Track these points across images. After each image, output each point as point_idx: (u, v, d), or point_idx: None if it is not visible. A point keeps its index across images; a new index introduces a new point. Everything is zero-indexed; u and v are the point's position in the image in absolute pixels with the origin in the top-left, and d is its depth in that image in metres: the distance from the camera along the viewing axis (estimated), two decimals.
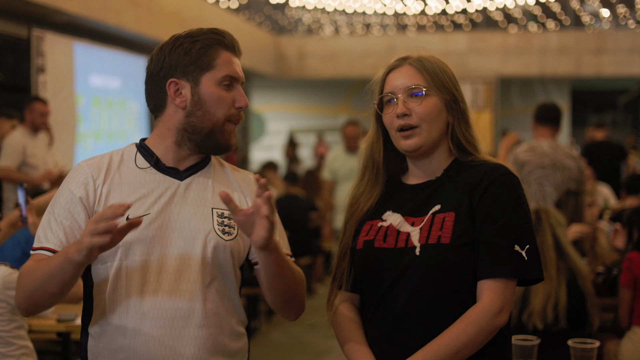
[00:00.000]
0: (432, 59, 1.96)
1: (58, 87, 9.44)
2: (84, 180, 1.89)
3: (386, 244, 1.90)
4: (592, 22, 17.78)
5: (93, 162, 1.93)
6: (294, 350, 6.08)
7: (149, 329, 1.82)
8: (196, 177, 1.94)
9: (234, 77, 1.91)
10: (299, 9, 17.68)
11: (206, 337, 1.85)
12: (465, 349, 1.80)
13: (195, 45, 1.90)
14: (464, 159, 1.94)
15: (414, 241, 1.87)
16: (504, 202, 1.85)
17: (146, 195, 1.88)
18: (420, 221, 1.89)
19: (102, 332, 1.86)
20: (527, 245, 1.84)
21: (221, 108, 1.89)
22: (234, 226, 1.92)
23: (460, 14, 17.36)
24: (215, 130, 1.90)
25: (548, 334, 3.35)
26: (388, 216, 1.95)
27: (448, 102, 1.92)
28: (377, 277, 1.90)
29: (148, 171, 1.92)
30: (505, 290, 1.82)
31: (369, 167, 2.02)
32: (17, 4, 8.42)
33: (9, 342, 2.91)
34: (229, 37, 1.93)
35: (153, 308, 1.82)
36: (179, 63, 1.90)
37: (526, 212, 1.88)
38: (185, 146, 1.93)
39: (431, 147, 1.93)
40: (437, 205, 1.89)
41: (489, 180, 1.87)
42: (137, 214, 1.84)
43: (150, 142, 1.97)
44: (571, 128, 19.68)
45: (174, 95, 1.91)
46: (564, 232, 3.59)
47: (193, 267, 1.86)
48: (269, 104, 20.23)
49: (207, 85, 1.89)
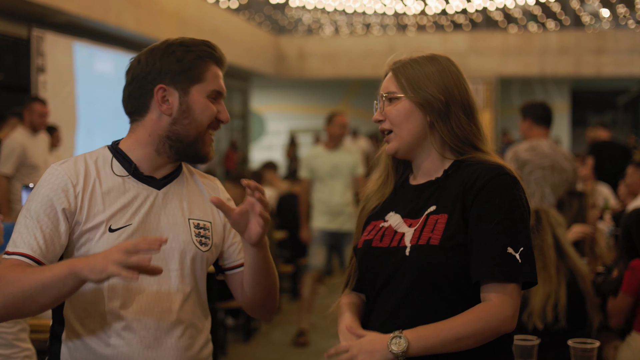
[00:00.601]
0: (418, 60, 1.95)
1: (58, 87, 9.45)
2: (63, 186, 1.83)
3: (382, 243, 1.92)
4: (592, 22, 17.79)
5: (69, 167, 1.86)
6: (294, 350, 6.08)
7: (130, 339, 1.81)
8: (172, 187, 1.94)
9: (220, 92, 1.94)
10: (299, 9, 17.69)
11: (185, 348, 1.87)
12: (466, 340, 1.78)
13: (188, 55, 1.89)
14: (459, 157, 1.94)
15: (406, 241, 1.87)
16: (497, 204, 1.83)
17: (127, 205, 1.85)
18: (416, 222, 1.90)
19: (79, 342, 1.83)
20: (522, 248, 1.82)
21: (207, 117, 1.91)
22: (209, 236, 1.94)
23: (460, 14, 17.37)
24: (198, 139, 1.91)
25: (548, 334, 3.35)
26: (390, 217, 1.96)
27: (422, 103, 1.92)
28: (373, 276, 1.91)
29: (126, 179, 1.88)
30: (514, 294, 1.81)
31: (383, 167, 2.05)
32: (17, 4, 8.42)
33: (13, 345, 2.91)
34: (219, 51, 1.95)
35: (135, 319, 1.82)
36: (170, 70, 1.88)
37: (521, 214, 1.85)
38: (165, 154, 1.90)
39: (411, 148, 1.94)
40: (432, 206, 1.90)
41: (483, 181, 1.85)
42: (118, 224, 1.82)
43: (125, 147, 1.92)
44: (571, 128, 19.69)
45: (160, 101, 1.89)
46: (564, 233, 3.59)
47: (173, 278, 1.87)
48: (269, 104, 20.25)
49: (196, 96, 1.90)
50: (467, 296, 1.83)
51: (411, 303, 1.83)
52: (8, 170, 6.35)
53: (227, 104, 7.80)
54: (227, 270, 2.03)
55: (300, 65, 17.91)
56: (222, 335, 5.76)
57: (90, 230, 1.82)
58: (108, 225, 1.81)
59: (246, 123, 18.60)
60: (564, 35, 16.90)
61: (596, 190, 7.48)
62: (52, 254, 1.79)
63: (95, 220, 1.82)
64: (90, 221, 1.82)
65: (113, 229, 1.82)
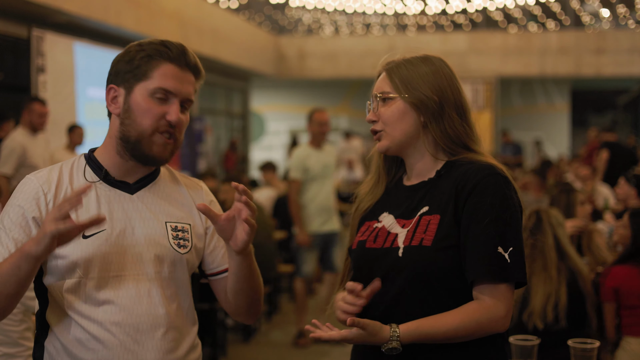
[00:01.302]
0: (411, 60, 1.96)
1: (58, 87, 9.45)
2: (35, 195, 1.83)
3: (375, 244, 1.92)
4: (592, 22, 17.79)
5: (42, 176, 1.86)
6: (293, 351, 6.08)
7: (111, 343, 1.80)
8: (147, 191, 1.91)
9: (169, 90, 1.84)
10: (299, 9, 17.69)
11: (167, 351, 1.84)
12: (455, 338, 1.81)
13: (139, 54, 1.85)
14: (451, 157, 1.94)
15: (399, 242, 1.88)
16: (488, 204, 1.83)
17: (99, 211, 1.84)
18: (409, 223, 1.90)
19: (60, 345, 1.83)
20: (511, 248, 1.81)
21: (147, 119, 1.83)
22: (188, 238, 1.91)
23: (460, 14, 17.37)
24: (141, 141, 1.84)
25: (548, 334, 3.35)
26: (383, 217, 1.97)
27: (416, 104, 1.92)
28: (367, 277, 1.91)
29: (98, 185, 1.87)
30: (506, 294, 1.81)
31: (374, 167, 2.06)
32: (17, 4, 8.42)
33: (18, 344, 2.92)
34: (176, 50, 1.86)
35: (115, 322, 1.80)
36: (120, 70, 1.87)
37: (512, 213, 1.84)
38: (126, 156, 1.88)
39: (402, 148, 1.95)
40: (425, 207, 1.90)
41: (474, 181, 1.85)
42: (91, 230, 1.80)
43: (98, 153, 1.93)
44: (571, 128, 19.69)
45: (110, 101, 1.89)
46: (565, 233, 3.59)
47: (152, 282, 1.85)
48: (269, 104, 20.26)
49: (138, 94, 1.84)
50: (460, 296, 1.83)
51: (405, 303, 1.84)
52: (8, 170, 6.35)
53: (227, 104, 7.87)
54: (211, 276, 2.00)
55: (300, 65, 17.91)
56: (222, 335, 5.76)
57: None
58: (81, 235, 1.78)
59: (246, 123, 18.60)
60: (564, 35, 16.90)
61: (596, 191, 7.48)
62: None
63: None
64: None
65: (86, 236, 1.80)
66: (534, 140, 18.75)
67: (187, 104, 1.89)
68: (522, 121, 19.25)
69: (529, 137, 18.99)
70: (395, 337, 1.77)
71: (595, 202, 7.15)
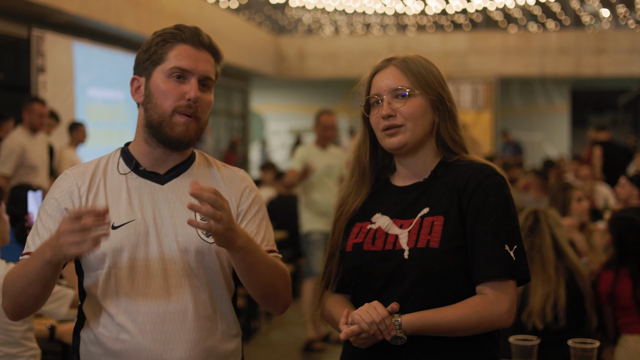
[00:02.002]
0: (417, 59, 1.97)
1: (58, 87, 9.45)
2: (69, 188, 1.89)
3: (374, 246, 1.91)
4: (592, 22, 17.78)
5: (78, 170, 1.93)
6: (294, 350, 6.08)
7: (140, 333, 1.82)
8: (178, 181, 1.92)
9: (184, 68, 1.86)
10: (299, 9, 17.69)
11: (197, 341, 1.84)
12: (458, 332, 1.82)
13: (154, 41, 1.90)
14: (450, 159, 1.95)
15: (402, 244, 1.87)
16: (493, 203, 1.85)
17: (129, 202, 1.87)
18: (408, 224, 1.90)
19: (93, 336, 1.86)
20: (515, 246, 1.85)
21: (167, 99, 1.85)
22: None
23: (460, 14, 17.37)
24: (163, 123, 1.86)
25: (547, 333, 3.35)
26: (377, 219, 1.95)
27: (434, 102, 1.93)
28: (367, 279, 1.90)
29: (129, 176, 1.91)
30: (510, 290, 1.84)
31: (356, 167, 2.04)
32: (17, 4, 8.42)
33: (20, 344, 2.92)
34: (189, 31, 1.89)
35: (143, 313, 1.83)
36: (140, 60, 1.92)
37: (514, 213, 1.88)
38: (154, 143, 1.90)
39: (416, 145, 1.94)
40: (425, 209, 1.90)
41: (477, 181, 1.87)
42: (121, 221, 1.85)
43: (131, 146, 1.97)
44: (571, 128, 19.68)
45: (134, 92, 1.93)
46: (562, 233, 3.59)
47: (180, 272, 1.86)
48: (269, 104, 20.25)
49: (156, 78, 1.88)
50: (466, 296, 1.85)
51: (412, 305, 1.84)
52: (7, 170, 6.36)
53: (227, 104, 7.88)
54: None
55: (300, 65, 17.91)
56: None
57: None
58: (111, 223, 1.81)
59: (246, 123, 18.60)
60: (564, 35, 16.90)
61: (596, 190, 7.49)
62: None
63: None
64: None
65: (116, 226, 1.85)
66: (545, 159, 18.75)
67: (207, 83, 1.91)
68: (522, 121, 19.24)
69: (528, 137, 18.99)
70: (397, 325, 1.78)
71: (595, 202, 7.15)
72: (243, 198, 1.96)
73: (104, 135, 10.71)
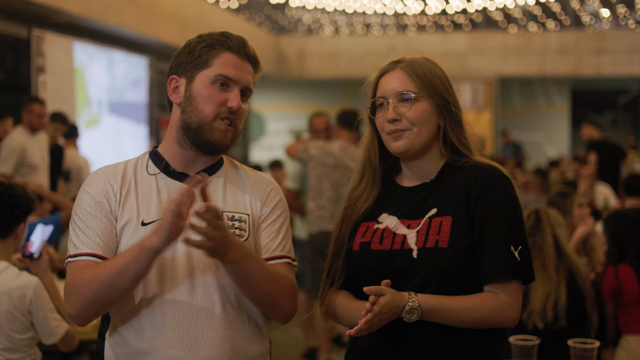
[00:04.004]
0: (424, 62, 1.97)
1: (58, 87, 9.44)
2: (103, 187, 1.90)
3: (382, 246, 1.92)
4: (592, 22, 17.78)
5: (109, 170, 1.95)
6: (294, 350, 6.08)
7: (168, 333, 1.82)
8: None
9: (230, 77, 1.89)
10: (299, 9, 17.68)
11: (225, 340, 1.84)
12: (467, 322, 1.84)
13: (199, 45, 1.91)
14: (457, 161, 1.96)
15: (411, 244, 1.88)
16: (500, 204, 1.87)
17: (158, 201, 1.89)
18: (416, 224, 1.91)
19: (119, 337, 1.87)
20: (520, 247, 1.87)
21: (209, 105, 1.88)
22: (245, 228, 1.92)
23: (460, 14, 17.36)
24: (203, 127, 1.88)
25: (548, 333, 3.35)
26: (384, 219, 1.96)
27: (439, 105, 1.94)
28: (375, 278, 1.90)
29: (158, 177, 1.93)
30: (517, 291, 1.87)
31: (367, 169, 2.04)
32: (17, 4, 8.42)
33: (22, 350, 2.93)
34: (236, 40, 1.92)
35: (171, 312, 1.83)
36: (182, 61, 1.93)
37: (520, 214, 1.91)
38: (187, 145, 1.92)
39: (421, 149, 1.95)
40: (433, 209, 1.91)
41: (484, 183, 1.89)
42: (150, 218, 1.87)
43: (161, 148, 1.98)
44: (571, 128, 19.67)
45: (172, 91, 1.94)
46: (564, 232, 3.60)
47: (207, 272, 1.86)
48: (269, 104, 20.24)
49: (199, 82, 1.89)
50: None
51: None
52: (7, 169, 6.36)
53: None
54: None
55: (300, 65, 17.90)
56: None
57: (125, 226, 1.87)
58: (140, 220, 1.86)
59: (246, 123, 18.60)
60: (564, 35, 16.89)
61: (596, 190, 7.49)
62: (111, 248, 1.86)
63: (128, 215, 1.87)
64: (125, 217, 1.87)
65: (145, 223, 1.86)
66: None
67: (247, 93, 1.93)
68: (522, 121, 19.23)
69: (528, 137, 18.99)
70: (413, 298, 1.79)
71: (595, 202, 7.16)
72: (267, 201, 1.98)
73: (104, 136, 10.71)
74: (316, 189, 5.32)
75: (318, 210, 5.33)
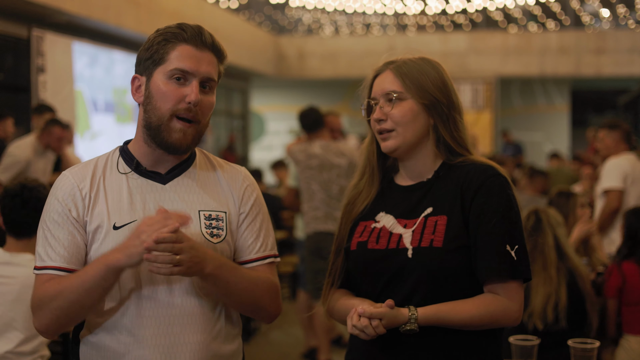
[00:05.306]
0: (417, 62, 1.97)
1: (58, 87, 9.45)
2: (70, 191, 1.84)
3: (378, 245, 1.93)
4: (592, 22, 17.78)
5: (77, 171, 1.88)
6: (294, 350, 6.09)
7: (144, 336, 1.79)
8: (180, 180, 1.89)
9: (185, 70, 1.81)
10: (299, 9, 17.69)
11: (201, 343, 1.82)
12: (469, 326, 1.84)
13: (156, 40, 1.84)
14: (453, 160, 1.96)
15: (406, 243, 1.89)
16: (496, 203, 1.87)
17: (130, 202, 1.83)
18: (412, 223, 1.91)
19: (95, 339, 1.83)
20: (517, 246, 1.87)
21: (166, 102, 1.81)
22: (222, 227, 1.88)
23: (460, 14, 17.37)
24: (161, 127, 1.82)
25: (548, 334, 3.35)
26: (381, 217, 1.97)
27: (427, 105, 1.93)
28: (371, 278, 1.91)
29: (130, 176, 1.87)
30: (518, 290, 1.86)
31: (366, 168, 2.05)
32: (17, 4, 8.42)
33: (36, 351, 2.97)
34: (191, 31, 1.84)
35: (147, 315, 1.80)
36: (142, 58, 1.87)
37: (516, 212, 1.90)
38: (153, 144, 1.86)
39: (410, 148, 1.96)
40: (429, 208, 1.92)
41: (479, 182, 1.89)
42: (123, 221, 1.82)
43: (131, 146, 1.92)
44: (571, 128, 19.68)
45: (135, 91, 1.88)
46: (564, 233, 3.59)
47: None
48: (269, 104, 20.24)
49: (157, 79, 1.83)
50: (470, 295, 1.87)
51: (415, 303, 1.85)
52: (5, 180, 6.24)
53: (227, 104, 7.87)
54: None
55: (300, 65, 17.90)
56: None
57: (96, 230, 1.82)
58: (112, 224, 1.80)
59: (246, 123, 18.60)
60: (564, 35, 16.89)
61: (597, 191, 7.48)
62: (77, 258, 1.81)
63: (99, 219, 1.82)
64: (95, 221, 1.82)
65: (117, 227, 1.81)
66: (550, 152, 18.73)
67: (209, 84, 1.86)
68: (522, 121, 19.23)
69: (528, 137, 18.98)
70: (413, 319, 1.80)
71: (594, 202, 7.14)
72: (245, 199, 1.94)
73: (105, 135, 10.71)
74: (307, 192, 5.33)
75: (312, 212, 5.33)
